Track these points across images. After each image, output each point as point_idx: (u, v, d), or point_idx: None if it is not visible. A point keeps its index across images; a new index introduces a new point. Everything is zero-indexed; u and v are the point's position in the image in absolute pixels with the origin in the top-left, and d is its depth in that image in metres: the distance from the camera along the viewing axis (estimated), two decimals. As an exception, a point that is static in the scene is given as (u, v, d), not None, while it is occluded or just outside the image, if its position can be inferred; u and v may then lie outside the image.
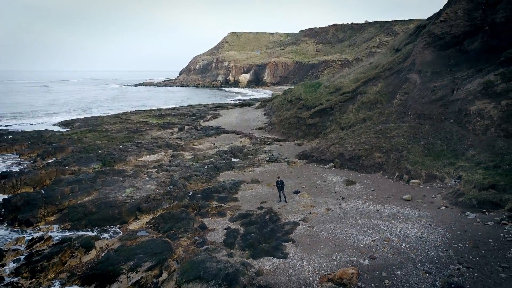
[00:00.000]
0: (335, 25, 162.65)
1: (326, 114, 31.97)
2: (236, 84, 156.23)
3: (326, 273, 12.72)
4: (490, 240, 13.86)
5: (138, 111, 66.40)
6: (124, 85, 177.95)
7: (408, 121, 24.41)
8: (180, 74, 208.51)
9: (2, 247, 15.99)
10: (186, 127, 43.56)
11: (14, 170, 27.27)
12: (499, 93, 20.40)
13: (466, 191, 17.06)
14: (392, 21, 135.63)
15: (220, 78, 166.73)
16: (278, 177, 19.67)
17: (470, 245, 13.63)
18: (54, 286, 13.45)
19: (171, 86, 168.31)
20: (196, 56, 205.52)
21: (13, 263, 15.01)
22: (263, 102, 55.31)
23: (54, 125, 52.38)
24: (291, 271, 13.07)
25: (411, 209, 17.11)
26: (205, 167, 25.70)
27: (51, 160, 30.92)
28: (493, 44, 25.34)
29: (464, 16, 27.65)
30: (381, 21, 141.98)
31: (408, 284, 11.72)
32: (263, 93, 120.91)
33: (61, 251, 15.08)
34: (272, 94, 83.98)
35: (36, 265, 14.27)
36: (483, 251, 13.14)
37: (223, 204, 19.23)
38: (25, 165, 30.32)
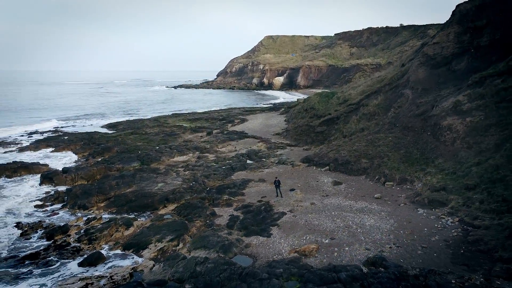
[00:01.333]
0: (369, 28, 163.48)
1: (332, 123, 36.33)
2: (270, 86, 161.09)
3: (295, 248, 17.48)
4: (425, 229, 18.09)
5: (175, 114, 73.03)
6: (166, 87, 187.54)
7: (395, 132, 28.45)
8: (217, 76, 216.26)
9: (68, 223, 21.94)
10: (214, 131, 49.08)
11: (72, 166, 33.77)
12: (465, 111, 24.14)
13: (422, 192, 21.18)
14: (426, 24, 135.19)
15: (255, 80, 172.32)
16: (276, 177, 24.51)
17: (408, 232, 17.92)
18: (104, 249, 19.06)
19: (208, 88, 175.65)
20: (233, 59, 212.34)
21: (76, 235, 20.85)
22: (287, 108, 59.92)
23: (102, 127, 59.72)
24: (270, 245, 17.93)
25: (377, 205, 21.44)
26: (223, 167, 30.95)
27: (100, 159, 37.33)
28: (476, 65, 28.80)
29: (454, 38, 31.18)
30: (415, 25, 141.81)
31: (349, 256, 16.26)
32: (295, 96, 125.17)
33: (109, 226, 20.76)
34: (297, 99, 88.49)
35: (92, 236, 20.01)
36: (415, 236, 17.44)
37: (231, 198, 24.36)
38: (79, 163, 37.01)
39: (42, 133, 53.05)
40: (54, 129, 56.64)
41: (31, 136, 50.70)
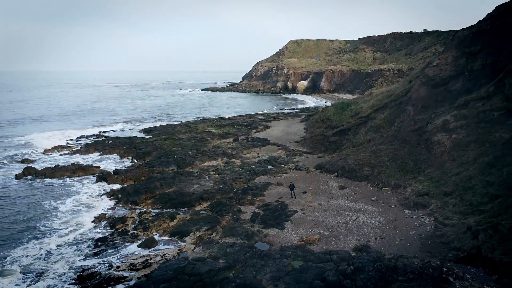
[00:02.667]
0: (393, 33, 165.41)
1: (344, 134, 41.10)
2: (294, 90, 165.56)
3: (302, 238, 22.59)
4: (406, 225, 22.87)
5: (204, 119, 79.10)
6: (196, 89, 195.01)
7: (395, 144, 33.05)
8: (243, 79, 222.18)
9: (125, 215, 27.83)
10: (240, 137, 54.56)
11: (121, 168, 39.96)
12: (451, 129, 28.56)
13: (410, 196, 25.89)
14: (449, 30, 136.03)
15: (279, 84, 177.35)
16: (291, 182, 29.67)
17: (393, 228, 22.75)
18: (156, 236, 24.71)
19: (234, 91, 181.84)
20: (258, 63, 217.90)
21: (132, 224, 26.66)
22: (307, 116, 64.80)
23: (139, 131, 66.29)
24: (283, 236, 23.12)
25: (372, 206, 26.27)
26: (248, 172, 36.31)
27: (142, 162, 43.48)
28: (468, 87, 32.98)
29: (452, 62, 35.42)
30: (439, 31, 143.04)
31: (343, 244, 21.23)
32: (318, 101, 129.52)
33: (158, 219, 26.47)
34: (317, 107, 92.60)
35: (145, 225, 25.77)
36: (397, 231, 22.26)
37: (254, 198, 29.67)
38: (126, 164, 43.28)
39: (88, 137, 59.97)
40: (99, 133, 63.54)
41: (80, 140, 57.67)
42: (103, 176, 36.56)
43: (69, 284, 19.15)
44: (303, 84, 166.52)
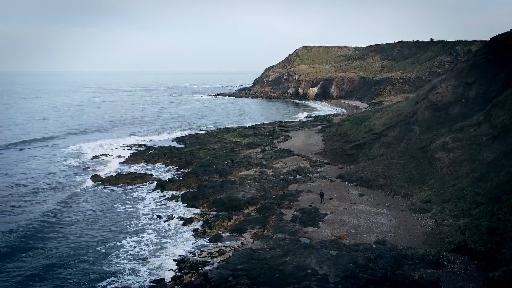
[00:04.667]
0: (400, 42, 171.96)
1: (360, 148, 48.40)
2: (304, 96, 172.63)
3: (335, 234, 29.95)
4: (413, 225, 30.16)
5: (227, 129, 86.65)
6: (209, 95, 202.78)
7: (404, 159, 40.33)
8: (253, 84, 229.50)
9: (192, 216, 35.38)
10: (266, 147, 61.99)
11: (173, 177, 47.58)
12: (450, 148, 35.82)
13: (416, 203, 33.19)
14: (455, 41, 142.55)
15: (290, 90, 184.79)
16: (321, 190, 37.07)
17: (403, 227, 30.07)
18: (220, 232, 32.19)
19: (246, 97, 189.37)
20: (269, 68, 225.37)
21: (197, 223, 34.21)
22: (323, 128, 72.16)
23: (172, 141, 73.95)
24: (319, 233, 30.47)
25: (386, 210, 33.58)
26: (281, 180, 43.73)
27: (187, 170, 51.03)
28: (465, 112, 40.18)
29: (451, 90, 42.63)
30: (445, 41, 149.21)
31: (366, 239, 28.51)
32: (329, 108, 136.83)
33: (218, 219, 34.01)
34: (332, 118, 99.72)
35: (210, 224, 33.31)
36: (406, 230, 29.55)
37: (290, 203, 37.08)
38: (172, 172, 50.89)
39: (130, 146, 67.74)
40: (137, 143, 71.24)
41: (123, 149, 65.48)
42: (162, 184, 44.23)
43: (171, 264, 26.77)
44: (314, 90, 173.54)
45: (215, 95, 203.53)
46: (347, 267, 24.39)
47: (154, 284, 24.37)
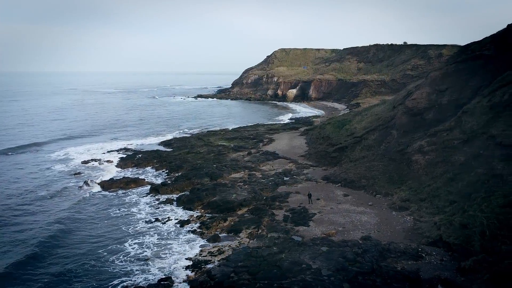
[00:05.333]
0: (376, 45, 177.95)
1: (342, 151, 51.50)
2: (284, 98, 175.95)
3: (324, 232, 32.66)
4: (394, 222, 33.20)
5: (211, 132, 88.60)
6: (187, 97, 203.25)
7: (384, 161, 43.56)
8: (233, 85, 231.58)
9: (189, 218, 37.42)
10: (252, 150, 64.40)
11: (165, 180, 49.38)
12: (425, 151, 39.20)
13: (395, 202, 36.34)
14: (427, 45, 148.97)
15: (270, 92, 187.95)
16: (309, 192, 39.79)
17: (385, 224, 33.09)
18: (217, 232, 34.39)
19: (226, 99, 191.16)
20: (248, 70, 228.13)
21: (194, 224, 36.31)
22: (305, 130, 75.20)
23: (159, 144, 75.35)
24: (310, 231, 33.11)
25: (369, 209, 36.58)
26: (270, 183, 46.25)
27: (177, 174, 52.87)
28: (438, 117, 43.75)
29: (426, 97, 46.21)
30: (417, 44, 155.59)
31: (353, 236, 31.34)
32: (309, 109, 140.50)
33: (215, 220, 36.22)
34: (313, 121, 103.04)
35: (207, 225, 35.49)
36: (388, 226, 32.54)
37: (281, 204, 39.62)
38: (163, 176, 52.61)
39: (118, 151, 68.82)
40: (124, 147, 72.28)
41: (111, 154, 66.52)
42: (156, 188, 46.01)
43: (176, 263, 28.83)
44: (293, 92, 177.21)
45: (194, 97, 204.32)
46: (337, 261, 27.11)
47: (163, 282, 26.40)
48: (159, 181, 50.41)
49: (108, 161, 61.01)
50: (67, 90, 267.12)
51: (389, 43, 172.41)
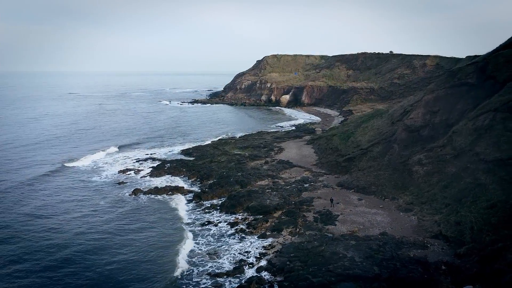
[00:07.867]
0: (364, 53, 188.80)
1: (351, 161, 60.80)
2: (277, 103, 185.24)
3: (349, 230, 41.71)
4: (403, 221, 42.53)
5: (222, 140, 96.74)
6: (183, 102, 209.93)
7: (388, 171, 52.99)
8: (224, 89, 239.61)
9: (235, 220, 45.99)
10: (268, 159, 73.10)
11: (204, 189, 57.67)
12: (423, 164, 48.78)
13: (401, 204, 45.75)
14: (412, 54, 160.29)
15: (263, 97, 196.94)
16: (331, 197, 48.85)
17: (396, 222, 42.39)
18: (262, 232, 43.01)
19: (222, 103, 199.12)
20: (240, 75, 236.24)
21: (241, 225, 44.88)
22: (311, 140, 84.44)
23: (179, 153, 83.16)
24: (337, 229, 42.10)
25: (381, 211, 45.87)
26: (294, 189, 55.14)
27: (210, 182, 61.09)
28: (432, 134, 53.46)
29: (421, 116, 55.90)
30: (403, 54, 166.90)
31: (372, 232, 40.50)
32: (304, 115, 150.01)
33: (258, 222, 44.90)
34: (316, 130, 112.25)
35: (253, 225, 44.13)
36: (399, 224, 41.86)
37: (308, 207, 48.55)
38: (197, 184, 60.81)
39: (145, 160, 76.46)
40: (149, 156, 79.83)
41: (140, 163, 74.17)
42: (198, 195, 54.31)
43: (239, 255, 37.43)
44: (286, 98, 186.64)
45: (190, 102, 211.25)
46: (365, 251, 36.23)
47: (235, 268, 35.04)
48: (195, 188, 58.66)
49: (141, 170, 68.66)
50: (66, 94, 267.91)
51: (376, 52, 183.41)
